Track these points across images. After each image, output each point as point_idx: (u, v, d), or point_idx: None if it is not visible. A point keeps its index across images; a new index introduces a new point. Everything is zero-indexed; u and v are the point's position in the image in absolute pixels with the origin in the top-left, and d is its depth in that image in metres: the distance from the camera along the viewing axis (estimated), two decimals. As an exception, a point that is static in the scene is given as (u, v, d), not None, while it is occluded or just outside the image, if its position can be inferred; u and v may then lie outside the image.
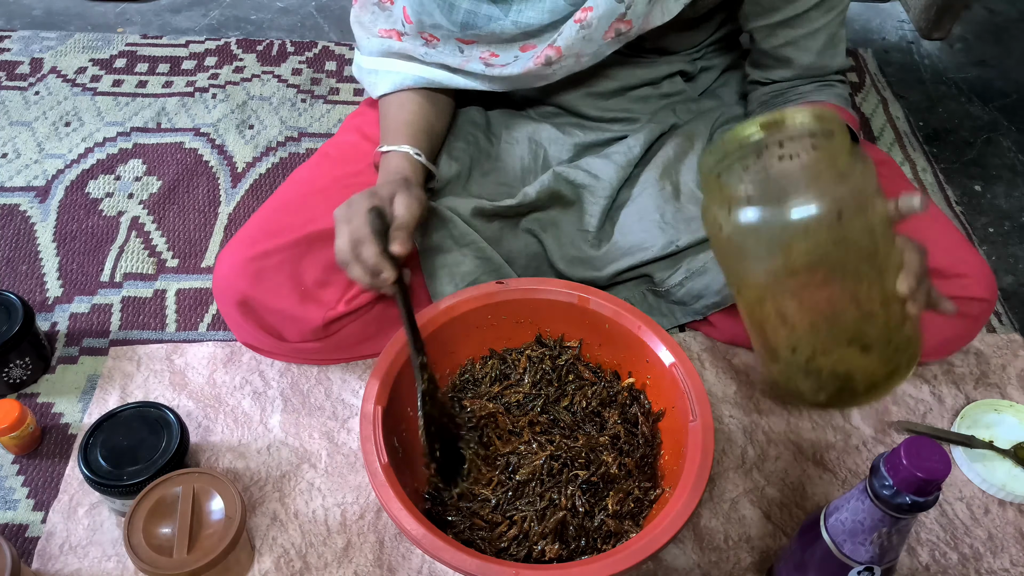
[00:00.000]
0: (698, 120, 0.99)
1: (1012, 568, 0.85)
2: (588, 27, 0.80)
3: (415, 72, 0.92)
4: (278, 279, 0.87)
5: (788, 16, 0.86)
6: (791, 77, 0.91)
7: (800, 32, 0.88)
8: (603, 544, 0.76)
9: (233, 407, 0.95)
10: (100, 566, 0.82)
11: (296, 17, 1.60)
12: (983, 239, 1.25)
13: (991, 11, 1.70)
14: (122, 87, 1.39)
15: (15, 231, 1.16)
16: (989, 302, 0.88)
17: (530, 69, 0.86)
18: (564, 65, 0.86)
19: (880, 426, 0.96)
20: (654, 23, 0.84)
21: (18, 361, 0.95)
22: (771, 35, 0.89)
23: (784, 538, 0.86)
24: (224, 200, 1.22)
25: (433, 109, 0.94)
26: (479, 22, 0.84)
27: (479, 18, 0.83)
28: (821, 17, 0.86)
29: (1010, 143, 1.41)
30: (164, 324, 1.05)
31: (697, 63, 1.00)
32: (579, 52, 0.84)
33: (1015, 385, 1.02)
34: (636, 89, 0.98)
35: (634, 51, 0.95)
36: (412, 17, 0.87)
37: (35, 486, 0.89)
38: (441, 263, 0.90)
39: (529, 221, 0.95)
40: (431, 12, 0.84)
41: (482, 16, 0.83)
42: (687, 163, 0.96)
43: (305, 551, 0.84)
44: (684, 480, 0.73)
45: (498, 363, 0.88)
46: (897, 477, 0.60)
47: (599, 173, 0.95)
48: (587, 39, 0.82)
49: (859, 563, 0.66)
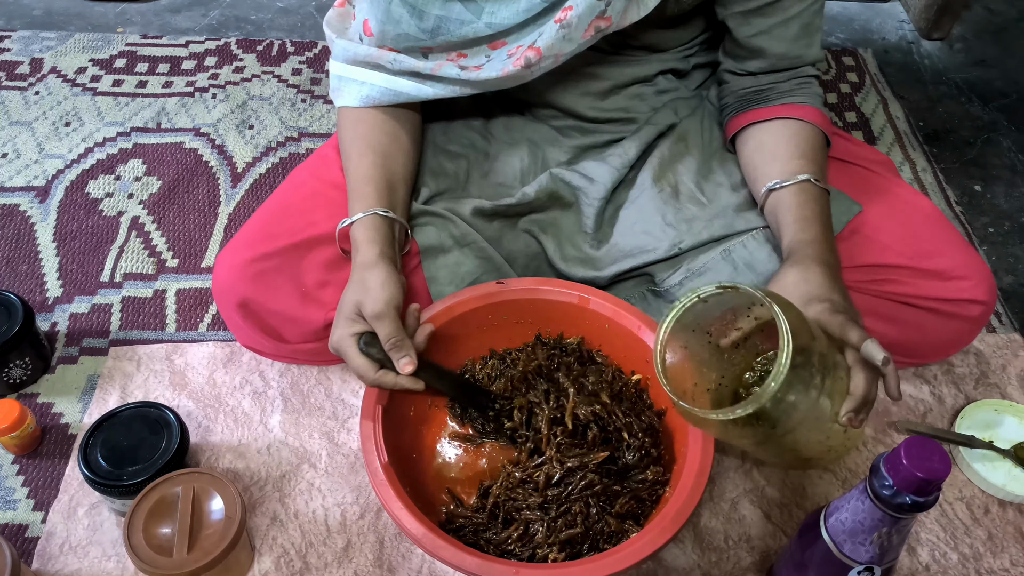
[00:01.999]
0: (691, 119, 0.99)
1: (1012, 568, 0.85)
2: (568, 27, 0.80)
3: (382, 83, 0.88)
4: (278, 281, 0.87)
5: (762, 4, 0.86)
6: (766, 68, 0.91)
7: (773, 20, 0.87)
8: (603, 544, 0.76)
9: (233, 407, 0.95)
10: (100, 566, 0.82)
11: (296, 17, 1.60)
12: (983, 239, 1.25)
13: (991, 11, 1.70)
14: (122, 87, 1.39)
15: (15, 231, 1.16)
16: (989, 305, 0.88)
17: (509, 72, 0.84)
18: (543, 66, 0.85)
19: (880, 426, 0.96)
20: (631, 19, 0.83)
21: (18, 361, 0.95)
22: (745, 23, 0.88)
23: (784, 538, 0.86)
24: (224, 200, 1.22)
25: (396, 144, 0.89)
26: (451, 27, 0.82)
27: (451, 23, 0.82)
28: (795, 5, 0.86)
29: (1010, 143, 1.41)
30: (164, 324, 1.06)
31: (689, 60, 1.00)
32: (558, 52, 0.83)
33: (1015, 385, 1.02)
34: (630, 87, 0.98)
35: (621, 49, 0.95)
36: (375, 29, 0.85)
37: (35, 486, 0.89)
38: (442, 263, 0.90)
39: (528, 222, 0.95)
40: (398, 20, 0.82)
41: (454, 21, 0.81)
42: (684, 163, 0.96)
43: (305, 551, 0.84)
44: (684, 480, 0.73)
45: (498, 363, 0.88)
46: (897, 477, 0.60)
47: (594, 175, 0.95)
48: (567, 39, 0.81)
49: (859, 563, 0.66)
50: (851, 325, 0.70)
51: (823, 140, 0.89)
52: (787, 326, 0.64)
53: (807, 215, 0.82)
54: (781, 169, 0.85)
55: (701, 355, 0.75)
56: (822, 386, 0.67)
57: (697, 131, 0.99)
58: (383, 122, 0.90)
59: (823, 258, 0.77)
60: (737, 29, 0.89)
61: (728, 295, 0.70)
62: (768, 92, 0.91)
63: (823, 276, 0.75)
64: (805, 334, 0.66)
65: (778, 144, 0.88)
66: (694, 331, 0.73)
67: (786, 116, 0.89)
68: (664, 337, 0.71)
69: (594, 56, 0.93)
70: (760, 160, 0.89)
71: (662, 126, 0.98)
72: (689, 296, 0.71)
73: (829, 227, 0.83)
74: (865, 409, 0.70)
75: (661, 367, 0.71)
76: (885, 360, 0.67)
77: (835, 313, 0.71)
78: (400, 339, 0.77)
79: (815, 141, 0.88)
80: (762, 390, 0.64)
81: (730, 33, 0.90)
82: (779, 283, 0.76)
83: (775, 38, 0.88)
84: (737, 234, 0.89)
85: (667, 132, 0.98)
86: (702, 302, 0.71)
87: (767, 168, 0.87)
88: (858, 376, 0.70)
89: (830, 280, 0.75)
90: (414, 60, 0.85)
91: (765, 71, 0.91)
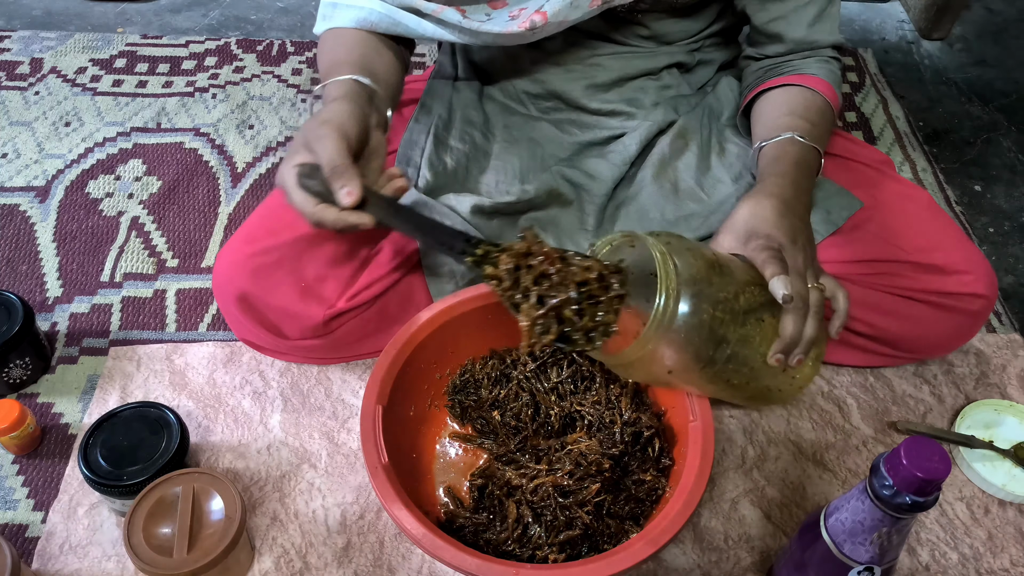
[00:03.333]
0: (691, 116, 0.99)
1: (1012, 568, 0.85)
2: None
3: (381, 8, 0.84)
4: (278, 275, 0.86)
5: None
6: (784, 52, 0.92)
7: (790, 6, 0.89)
8: (603, 544, 0.76)
9: (233, 407, 0.95)
10: (100, 566, 0.82)
11: (296, 17, 1.60)
12: (983, 239, 1.25)
13: (991, 11, 1.70)
14: (122, 87, 1.39)
15: (15, 231, 1.16)
16: (989, 299, 0.88)
17: (512, 31, 0.83)
18: (546, 30, 0.85)
19: (880, 426, 0.96)
20: None
21: (18, 361, 0.95)
22: (762, 9, 0.91)
23: (784, 538, 0.86)
24: (224, 200, 1.22)
25: (382, 59, 0.84)
26: None
27: None
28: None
29: (1010, 143, 1.41)
30: (164, 324, 1.05)
31: (695, 55, 1.00)
32: (564, 19, 0.83)
33: (1015, 385, 1.02)
34: (634, 80, 0.98)
35: (631, 39, 0.95)
36: None
37: (35, 486, 0.89)
38: (443, 261, 0.90)
39: (528, 219, 0.95)
40: None
41: None
42: (683, 160, 0.96)
43: (305, 551, 0.84)
44: (684, 480, 0.73)
45: (498, 363, 0.88)
46: (897, 477, 0.60)
47: (595, 173, 0.95)
48: (574, 6, 0.81)
49: (859, 563, 0.66)
50: (770, 261, 0.69)
51: (822, 104, 0.89)
52: (663, 266, 0.65)
53: (780, 156, 0.82)
54: (768, 129, 0.86)
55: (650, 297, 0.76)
56: (734, 324, 0.67)
57: (697, 128, 0.99)
58: (367, 38, 0.86)
59: (778, 192, 0.77)
60: (755, 15, 0.91)
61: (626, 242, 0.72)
62: (783, 66, 0.92)
63: (771, 210, 0.75)
64: (699, 272, 0.66)
65: (773, 107, 0.89)
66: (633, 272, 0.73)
67: (790, 84, 0.90)
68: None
69: (602, 47, 0.93)
70: (758, 126, 0.90)
71: (662, 122, 0.98)
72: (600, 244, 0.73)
73: (804, 168, 0.82)
74: (797, 349, 0.70)
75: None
76: (785, 297, 0.67)
77: (764, 250, 0.71)
78: (341, 166, 0.69)
79: (811, 103, 0.88)
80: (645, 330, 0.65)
81: (750, 20, 0.92)
82: (731, 219, 0.77)
83: (792, 23, 0.90)
84: None
85: (667, 129, 0.99)
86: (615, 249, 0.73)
87: (757, 130, 0.88)
88: (785, 316, 0.69)
89: (776, 215, 0.74)
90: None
91: (783, 55, 0.92)
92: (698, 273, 0.66)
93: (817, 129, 0.86)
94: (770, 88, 0.91)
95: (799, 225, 0.76)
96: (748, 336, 0.69)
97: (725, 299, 0.67)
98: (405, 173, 0.77)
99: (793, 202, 0.77)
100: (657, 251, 0.66)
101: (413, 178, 0.94)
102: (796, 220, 0.76)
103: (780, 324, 0.70)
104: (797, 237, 0.74)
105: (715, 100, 1.01)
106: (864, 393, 0.99)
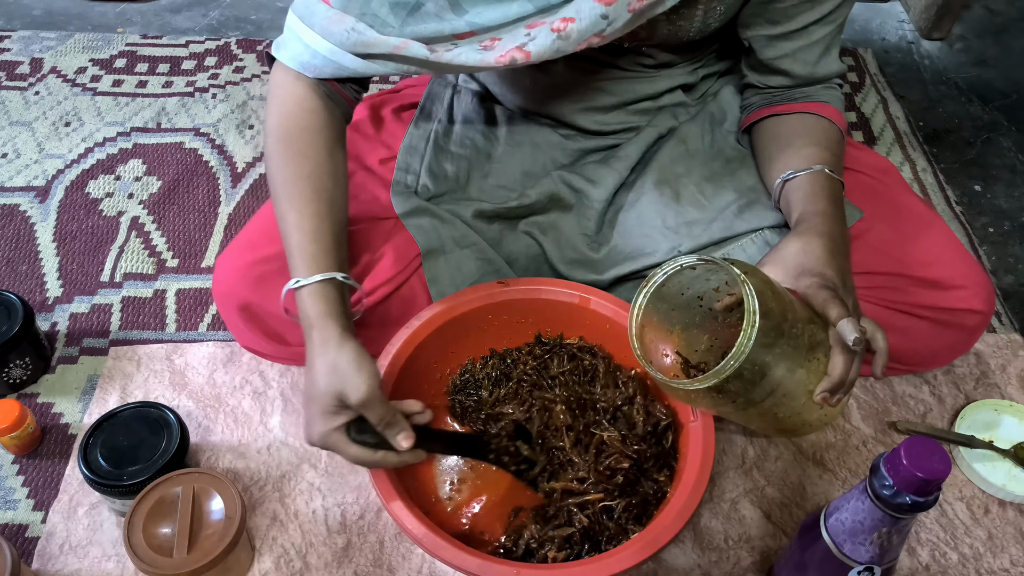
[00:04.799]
0: (692, 123, 0.99)
1: (1012, 568, 0.85)
2: (566, 39, 0.76)
3: (326, 52, 0.78)
4: (280, 283, 0.86)
5: (788, 30, 0.86)
6: (788, 85, 0.91)
7: (798, 44, 0.87)
8: (604, 544, 0.76)
9: (233, 407, 0.95)
10: (100, 566, 0.82)
11: (296, 17, 1.59)
12: (983, 239, 1.25)
13: (991, 11, 1.70)
14: (122, 87, 1.39)
15: (15, 231, 1.16)
16: (986, 315, 0.88)
17: (488, 63, 0.77)
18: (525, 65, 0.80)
19: (880, 426, 0.96)
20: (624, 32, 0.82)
21: (18, 361, 0.95)
22: (769, 46, 0.88)
23: (784, 538, 0.86)
24: (224, 200, 1.22)
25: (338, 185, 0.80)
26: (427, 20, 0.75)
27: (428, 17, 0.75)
28: (820, 30, 0.86)
29: (1010, 143, 1.41)
30: (164, 324, 1.06)
31: (699, 71, 0.99)
32: (550, 57, 0.80)
33: (1015, 385, 1.02)
34: (635, 103, 0.97)
35: (634, 66, 0.94)
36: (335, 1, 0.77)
37: (35, 486, 0.89)
38: (443, 264, 0.89)
39: (528, 224, 0.95)
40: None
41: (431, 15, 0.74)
42: (684, 166, 0.96)
43: (305, 551, 0.84)
44: (684, 480, 0.73)
45: (498, 363, 0.88)
46: (897, 477, 0.60)
47: (596, 178, 0.95)
48: (559, 50, 0.78)
49: (859, 563, 0.66)
50: (833, 302, 0.69)
51: (838, 135, 0.89)
52: (755, 302, 0.64)
53: (816, 191, 0.81)
54: (796, 158, 0.85)
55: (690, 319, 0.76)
56: (794, 362, 0.67)
57: (698, 134, 0.98)
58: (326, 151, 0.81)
59: (827, 232, 0.76)
60: (761, 51, 0.89)
61: (701, 268, 0.72)
62: (794, 92, 0.91)
63: (822, 249, 0.74)
64: (776, 309, 0.66)
65: (795, 135, 0.88)
66: (683, 294, 0.74)
67: (805, 111, 0.89)
68: (643, 302, 0.72)
69: (605, 71, 0.92)
70: (776, 149, 0.89)
71: (663, 128, 0.98)
72: (671, 264, 0.72)
73: (840, 207, 0.82)
74: (842, 390, 0.70)
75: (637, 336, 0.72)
76: (856, 341, 0.67)
77: (822, 288, 0.71)
78: (393, 417, 0.72)
79: (832, 135, 0.88)
80: (723, 364, 0.64)
81: (754, 52, 0.90)
82: (779, 252, 0.76)
83: (798, 61, 0.88)
84: (736, 236, 0.89)
85: (668, 135, 0.98)
86: (681, 272, 0.72)
87: (782, 156, 0.87)
88: (836, 356, 0.69)
89: (828, 254, 0.74)
90: (374, 34, 0.75)
91: (787, 87, 0.91)
92: (777, 308, 0.66)
93: (839, 162, 0.86)
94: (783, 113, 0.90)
95: (846, 267, 0.76)
96: (808, 372, 0.69)
97: (795, 335, 0.67)
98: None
99: (840, 242, 0.77)
100: (747, 288, 0.65)
101: (413, 185, 0.94)
102: (844, 261, 0.76)
103: (831, 363, 0.70)
104: (846, 279, 0.75)
105: (716, 107, 1.00)
106: (864, 393, 0.99)
